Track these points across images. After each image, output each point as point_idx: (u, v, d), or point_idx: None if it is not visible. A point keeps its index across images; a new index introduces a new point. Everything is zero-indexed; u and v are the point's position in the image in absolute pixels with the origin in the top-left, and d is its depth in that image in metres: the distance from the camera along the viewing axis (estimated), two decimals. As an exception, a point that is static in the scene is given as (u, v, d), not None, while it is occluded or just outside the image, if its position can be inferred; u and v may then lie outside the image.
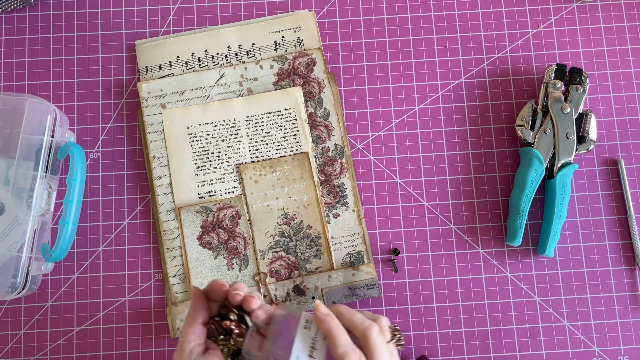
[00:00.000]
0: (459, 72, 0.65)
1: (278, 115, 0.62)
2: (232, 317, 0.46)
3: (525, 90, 0.64)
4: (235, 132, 0.62)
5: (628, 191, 0.62)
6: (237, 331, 0.46)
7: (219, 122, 0.62)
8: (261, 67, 0.63)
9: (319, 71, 0.63)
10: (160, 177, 0.62)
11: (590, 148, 0.60)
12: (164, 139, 0.62)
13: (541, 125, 0.61)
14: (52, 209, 0.60)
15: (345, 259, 0.61)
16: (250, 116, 0.62)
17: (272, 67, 0.63)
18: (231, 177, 0.62)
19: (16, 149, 0.58)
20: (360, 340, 0.45)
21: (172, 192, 0.61)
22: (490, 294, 0.61)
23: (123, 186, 0.62)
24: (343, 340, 0.44)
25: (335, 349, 0.44)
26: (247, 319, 0.46)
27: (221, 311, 0.47)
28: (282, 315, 0.46)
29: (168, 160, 0.62)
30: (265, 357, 0.45)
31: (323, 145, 0.62)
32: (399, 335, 0.49)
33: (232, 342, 0.46)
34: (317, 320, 0.45)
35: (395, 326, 0.49)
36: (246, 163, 0.62)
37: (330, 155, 0.62)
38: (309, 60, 0.63)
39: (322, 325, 0.45)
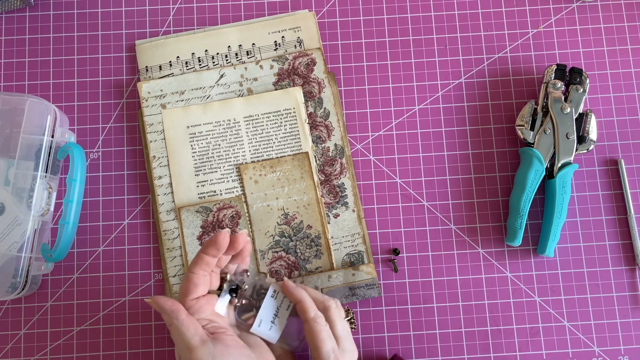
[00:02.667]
0: (459, 72, 0.65)
1: (278, 115, 0.62)
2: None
3: (525, 90, 0.64)
4: (235, 132, 0.62)
5: (628, 191, 0.62)
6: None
7: (219, 122, 0.62)
8: (261, 67, 0.63)
9: (319, 71, 0.63)
10: (160, 177, 0.62)
11: (590, 148, 0.60)
12: (164, 139, 0.62)
13: (541, 125, 0.61)
14: (52, 209, 0.60)
15: (345, 259, 0.61)
16: (250, 116, 0.62)
17: (272, 67, 0.63)
18: (231, 177, 0.62)
19: (16, 149, 0.58)
20: (321, 312, 0.50)
21: (172, 192, 0.61)
22: (490, 294, 0.61)
23: (123, 186, 0.62)
24: (313, 306, 0.49)
25: (306, 313, 0.49)
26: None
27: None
28: (253, 283, 0.51)
29: (168, 160, 0.62)
30: (235, 318, 0.50)
31: (323, 145, 0.62)
32: (352, 316, 0.56)
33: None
34: (288, 290, 0.50)
35: (348, 308, 0.57)
36: (246, 163, 0.62)
37: (330, 155, 0.62)
38: (309, 60, 0.63)
39: (293, 294, 0.50)
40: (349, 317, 0.56)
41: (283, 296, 0.51)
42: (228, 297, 0.50)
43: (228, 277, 0.50)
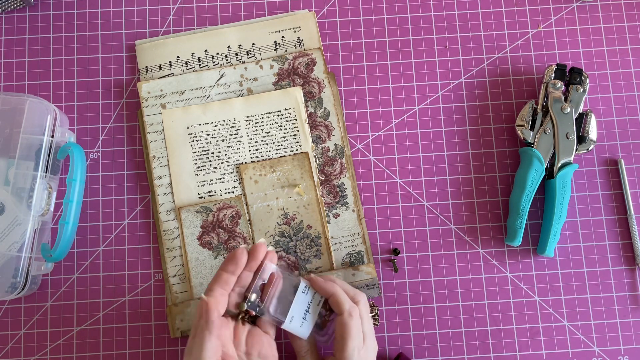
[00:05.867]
0: (459, 72, 0.65)
1: (278, 115, 0.62)
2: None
3: (525, 90, 0.64)
4: (235, 132, 0.62)
5: (628, 191, 0.62)
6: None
7: (219, 122, 0.62)
8: (261, 67, 0.63)
9: (319, 71, 0.63)
10: (160, 177, 0.62)
11: (590, 148, 0.60)
12: (164, 139, 0.62)
13: (541, 125, 0.61)
14: (52, 209, 0.60)
15: (345, 259, 0.61)
16: (250, 116, 0.62)
17: (272, 67, 0.63)
18: (231, 177, 0.62)
19: (16, 149, 0.58)
20: None
21: (172, 192, 0.61)
22: (490, 294, 0.61)
23: (123, 186, 0.62)
24: (347, 299, 0.50)
25: (341, 306, 0.49)
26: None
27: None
28: (282, 279, 0.50)
29: (168, 160, 0.62)
30: (265, 314, 0.49)
31: (323, 145, 0.62)
32: (376, 312, 0.57)
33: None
34: (318, 284, 0.50)
35: (372, 303, 0.57)
36: (246, 163, 0.62)
37: (330, 155, 0.62)
38: (309, 60, 0.63)
39: (325, 288, 0.50)
40: (373, 313, 0.56)
41: (314, 291, 0.51)
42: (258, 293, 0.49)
43: (253, 296, 0.50)
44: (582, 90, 0.60)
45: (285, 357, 0.60)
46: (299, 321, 0.49)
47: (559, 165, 0.59)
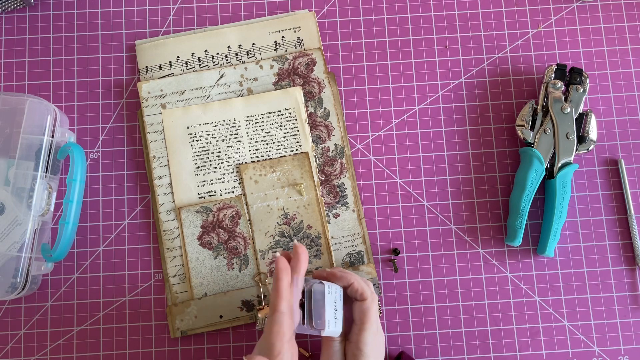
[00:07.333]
0: (459, 72, 0.65)
1: (278, 115, 0.62)
2: None
3: (525, 90, 0.64)
4: (235, 132, 0.62)
5: (628, 191, 0.62)
6: None
7: (219, 122, 0.62)
8: (261, 67, 0.63)
9: (319, 71, 0.63)
10: (160, 177, 0.62)
11: (590, 148, 0.60)
12: (164, 139, 0.62)
13: (541, 125, 0.61)
14: (52, 209, 0.60)
15: (345, 259, 0.61)
16: (250, 116, 0.62)
17: (272, 67, 0.63)
18: (231, 177, 0.62)
19: (16, 149, 0.58)
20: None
21: (172, 192, 0.61)
22: (490, 294, 0.61)
23: (123, 186, 0.62)
24: (367, 287, 0.51)
25: (364, 293, 0.51)
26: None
27: None
28: (309, 289, 0.50)
29: (168, 160, 0.62)
30: (305, 328, 0.49)
31: (323, 145, 0.62)
32: (378, 302, 0.56)
33: None
34: (336, 276, 0.52)
35: None
36: (246, 163, 0.62)
37: (330, 155, 0.62)
38: (309, 60, 0.63)
39: (345, 277, 0.51)
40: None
41: (334, 287, 0.51)
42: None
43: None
44: (582, 90, 0.60)
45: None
46: (333, 322, 0.49)
47: (559, 165, 0.59)
